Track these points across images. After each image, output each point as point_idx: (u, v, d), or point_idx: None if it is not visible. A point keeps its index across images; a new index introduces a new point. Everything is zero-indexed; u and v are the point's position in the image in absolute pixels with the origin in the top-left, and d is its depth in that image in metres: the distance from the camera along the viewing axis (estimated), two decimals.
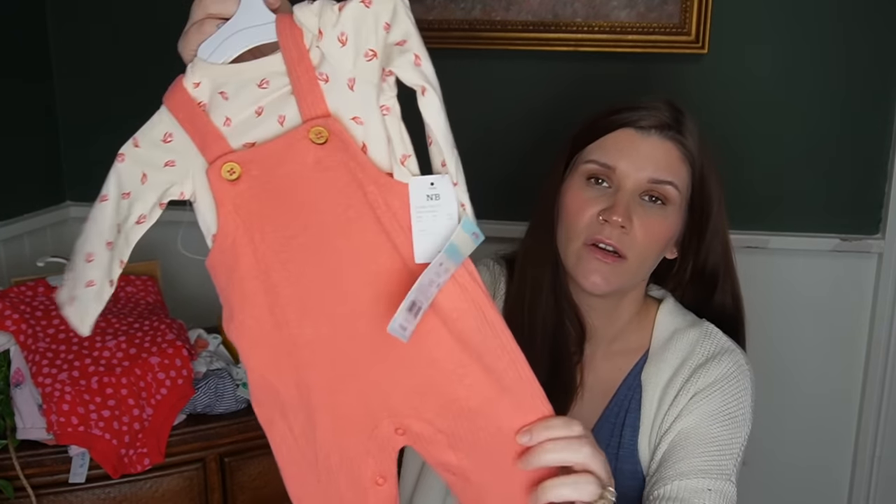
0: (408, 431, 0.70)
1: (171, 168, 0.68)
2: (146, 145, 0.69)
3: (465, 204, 0.69)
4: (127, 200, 0.69)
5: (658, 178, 0.96)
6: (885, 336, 1.73)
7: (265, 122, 0.66)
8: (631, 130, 0.97)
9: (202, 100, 0.67)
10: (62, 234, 1.97)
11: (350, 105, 0.66)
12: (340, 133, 0.66)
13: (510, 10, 1.71)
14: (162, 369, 1.32)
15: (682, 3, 1.64)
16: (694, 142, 0.98)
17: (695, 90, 1.70)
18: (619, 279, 0.98)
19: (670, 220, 0.98)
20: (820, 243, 1.73)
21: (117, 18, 1.88)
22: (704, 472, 0.96)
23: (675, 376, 1.01)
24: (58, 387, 1.25)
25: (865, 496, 1.80)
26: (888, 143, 1.69)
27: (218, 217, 0.68)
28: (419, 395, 0.68)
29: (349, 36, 0.65)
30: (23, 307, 1.35)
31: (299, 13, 0.64)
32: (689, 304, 1.10)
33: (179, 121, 0.68)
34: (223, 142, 0.67)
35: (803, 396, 1.80)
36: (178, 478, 1.35)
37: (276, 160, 0.66)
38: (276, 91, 0.66)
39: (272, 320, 0.68)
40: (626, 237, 0.95)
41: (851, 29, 1.64)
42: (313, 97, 0.65)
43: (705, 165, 1.00)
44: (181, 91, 0.67)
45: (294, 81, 0.65)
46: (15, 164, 1.82)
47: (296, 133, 0.66)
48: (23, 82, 1.84)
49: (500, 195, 1.80)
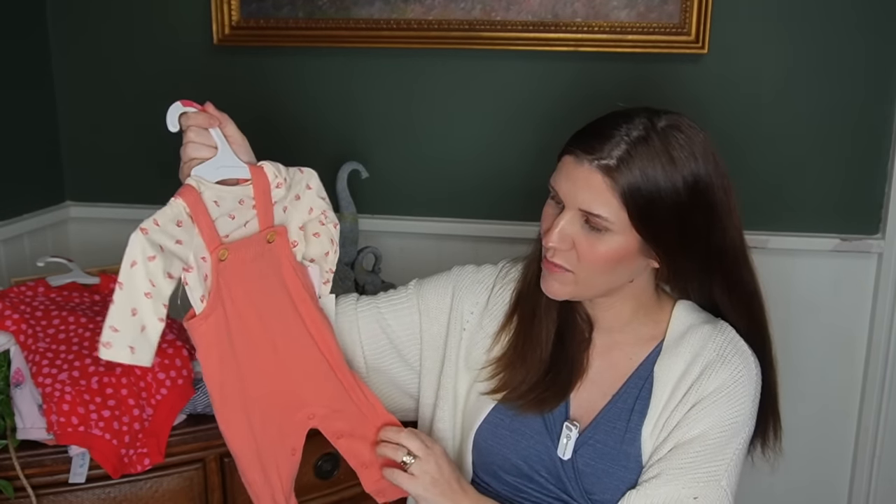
0: (315, 416, 1.08)
1: (179, 245, 0.94)
2: (164, 225, 0.92)
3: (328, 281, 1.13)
4: (153, 262, 0.91)
5: (586, 209, 0.97)
6: (885, 336, 1.73)
7: (236, 224, 1.00)
8: (570, 157, 0.99)
9: (207, 202, 0.96)
10: (62, 234, 1.97)
11: (286, 222, 1.07)
12: (283, 234, 1.05)
13: (510, 10, 1.71)
14: (162, 369, 1.32)
15: (682, 3, 1.64)
16: (635, 171, 0.95)
17: (695, 90, 1.70)
18: (573, 288, 1.03)
19: (614, 243, 0.98)
20: (820, 243, 1.73)
21: (117, 20, 1.88)
22: (694, 479, 1.00)
23: (687, 372, 1.04)
24: (58, 387, 1.25)
25: (865, 496, 1.80)
26: (888, 143, 1.69)
27: (211, 283, 0.98)
28: (319, 391, 1.08)
29: (288, 187, 1.05)
30: (23, 307, 1.35)
31: (269, 167, 1.02)
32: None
33: (191, 213, 0.95)
34: (217, 234, 0.97)
35: (803, 396, 1.80)
36: (178, 478, 1.35)
37: (246, 250, 1.01)
38: (247, 206, 1.01)
39: (230, 348, 1.01)
40: (566, 254, 1.00)
41: (851, 29, 1.64)
42: (267, 215, 1.03)
43: (654, 187, 0.96)
44: (194, 193, 0.95)
45: (258, 204, 1.02)
46: (15, 164, 1.82)
47: (258, 235, 1.02)
48: (23, 83, 1.84)
49: (500, 195, 1.81)
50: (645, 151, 0.95)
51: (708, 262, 1.04)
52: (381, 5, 1.75)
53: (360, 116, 1.84)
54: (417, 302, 1.17)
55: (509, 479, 1.10)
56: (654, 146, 0.96)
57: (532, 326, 1.11)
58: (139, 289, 0.91)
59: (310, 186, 1.08)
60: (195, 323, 0.97)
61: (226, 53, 1.84)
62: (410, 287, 1.20)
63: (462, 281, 1.18)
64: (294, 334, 1.06)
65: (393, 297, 1.19)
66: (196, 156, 0.97)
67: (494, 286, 1.17)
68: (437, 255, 1.84)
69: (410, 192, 1.86)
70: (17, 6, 1.81)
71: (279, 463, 1.07)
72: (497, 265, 1.20)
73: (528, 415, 1.09)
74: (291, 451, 1.08)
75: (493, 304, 1.16)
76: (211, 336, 0.99)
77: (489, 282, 1.17)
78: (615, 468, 1.05)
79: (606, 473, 1.05)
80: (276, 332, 1.04)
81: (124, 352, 0.91)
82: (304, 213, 1.08)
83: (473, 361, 1.14)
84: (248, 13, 1.80)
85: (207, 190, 0.96)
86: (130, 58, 1.89)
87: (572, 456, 1.06)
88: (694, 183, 0.97)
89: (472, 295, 1.17)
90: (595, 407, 1.08)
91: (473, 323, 1.15)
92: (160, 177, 1.93)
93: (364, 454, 1.12)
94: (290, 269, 1.06)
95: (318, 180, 1.08)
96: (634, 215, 0.96)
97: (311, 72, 1.83)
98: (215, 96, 1.83)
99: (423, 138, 1.82)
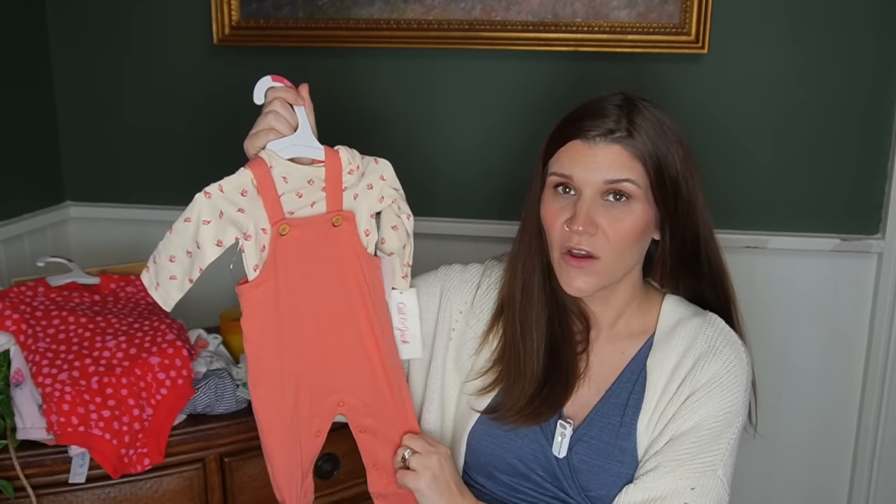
0: (345, 404, 1.10)
1: (241, 213, 0.97)
2: (229, 192, 0.96)
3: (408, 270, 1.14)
4: (206, 226, 0.95)
5: (612, 178, 1.00)
6: (885, 336, 1.73)
7: (303, 202, 1.02)
8: (579, 142, 1.02)
9: (275, 177, 0.99)
10: (62, 234, 1.97)
11: (355, 209, 1.07)
12: (350, 220, 1.05)
13: (510, 10, 1.71)
14: (162, 369, 1.32)
15: (682, 3, 1.64)
16: (644, 136, 1.00)
17: (695, 90, 1.70)
18: (599, 278, 1.03)
19: (637, 212, 1.01)
20: (820, 243, 1.73)
21: (117, 20, 1.88)
22: (691, 470, 1.01)
23: (680, 365, 1.06)
24: (58, 387, 1.25)
25: (865, 496, 1.80)
26: (888, 143, 1.69)
27: (267, 255, 1.00)
28: (355, 382, 1.09)
29: (361, 174, 1.07)
30: (23, 307, 1.35)
31: (343, 152, 1.04)
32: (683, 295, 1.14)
33: (258, 184, 0.97)
34: (281, 208, 1.00)
35: (803, 396, 1.80)
36: (178, 478, 1.35)
37: (309, 229, 1.02)
38: (316, 187, 1.02)
39: (275, 320, 1.03)
40: (594, 239, 1.01)
41: (851, 29, 1.64)
42: (336, 199, 1.04)
43: (661, 152, 1.01)
44: (264, 166, 0.98)
45: (328, 187, 1.03)
46: (15, 164, 1.82)
47: (324, 216, 1.03)
48: (23, 83, 1.84)
49: (500, 195, 1.80)
50: (642, 118, 1.01)
51: (697, 234, 1.07)
52: (381, 5, 1.75)
53: (360, 116, 1.84)
54: None
55: (505, 478, 1.10)
56: (645, 114, 1.02)
57: (523, 342, 1.10)
58: (183, 244, 0.95)
59: (383, 177, 1.09)
60: (245, 289, 1.00)
61: (226, 53, 1.84)
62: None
63: (450, 281, 1.18)
64: (341, 321, 1.07)
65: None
66: (276, 126, 0.99)
67: (480, 285, 1.17)
68: (437, 255, 1.83)
69: (410, 192, 1.84)
70: (17, 6, 1.81)
71: (303, 441, 1.09)
72: (483, 263, 1.21)
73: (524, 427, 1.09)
74: (316, 433, 1.09)
75: (480, 303, 1.16)
76: (257, 305, 1.01)
77: (475, 280, 1.18)
78: (610, 463, 1.05)
79: (602, 469, 1.05)
80: (323, 315, 1.05)
81: (152, 283, 0.98)
82: (375, 202, 1.08)
83: (462, 364, 1.14)
84: (248, 13, 1.80)
85: (278, 165, 0.98)
86: (130, 58, 1.89)
87: (567, 453, 1.06)
88: (681, 147, 1.03)
89: (460, 294, 1.17)
90: (588, 403, 1.09)
91: (462, 323, 1.16)
92: (160, 177, 1.94)
93: (379, 455, 1.12)
94: (353, 256, 1.06)
95: (392, 171, 1.10)
96: (654, 178, 1.01)
97: (311, 72, 1.83)
98: (215, 96, 1.85)
99: (423, 138, 1.82)
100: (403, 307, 1.13)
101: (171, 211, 1.97)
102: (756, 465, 1.85)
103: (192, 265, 0.97)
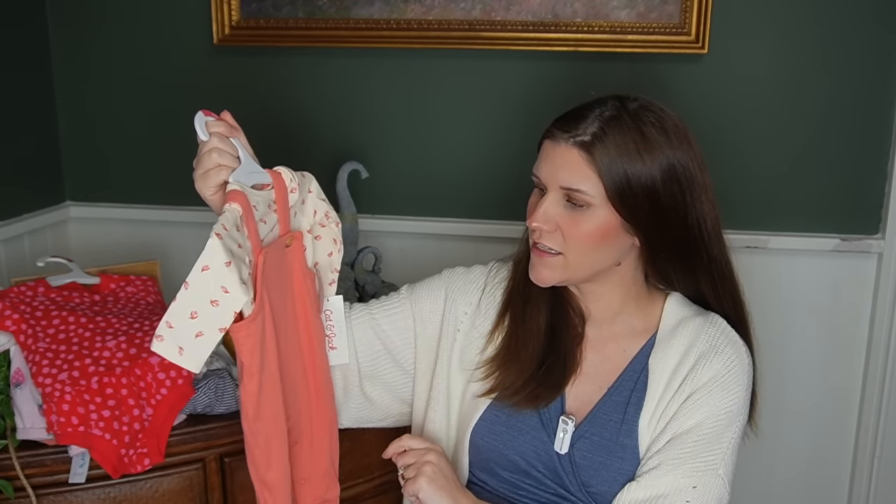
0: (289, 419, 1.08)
1: (240, 249, 0.94)
2: (230, 229, 0.92)
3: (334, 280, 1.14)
4: (228, 268, 0.89)
5: (567, 186, 1.01)
6: (885, 336, 1.73)
7: (267, 228, 1.01)
8: (548, 141, 1.04)
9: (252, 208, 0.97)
10: (62, 234, 1.97)
11: (298, 226, 1.09)
12: (298, 239, 1.07)
13: (510, 10, 1.71)
14: (162, 369, 1.32)
15: (682, 3, 1.64)
16: (607, 147, 0.99)
17: (695, 90, 1.71)
18: (562, 272, 1.05)
19: (597, 219, 1.02)
20: (820, 243, 1.73)
21: (117, 20, 1.88)
22: (693, 469, 1.02)
23: (682, 363, 1.06)
24: (58, 387, 1.25)
25: (865, 496, 1.80)
26: (888, 143, 1.69)
27: (255, 288, 0.97)
28: (298, 397, 1.09)
29: (299, 192, 1.05)
30: (23, 307, 1.35)
31: (285, 172, 1.02)
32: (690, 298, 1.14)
33: (244, 216, 0.95)
34: (259, 238, 0.98)
35: (803, 396, 1.81)
36: (178, 478, 1.35)
37: (274, 254, 1.01)
38: (272, 210, 1.02)
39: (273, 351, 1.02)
40: (552, 236, 1.03)
41: (851, 29, 1.64)
42: (285, 220, 1.04)
43: (627, 165, 0.99)
44: (243, 198, 0.95)
45: (279, 209, 1.02)
46: (15, 164, 1.82)
47: (280, 239, 1.03)
48: (23, 83, 1.84)
49: (500, 195, 1.80)
50: (617, 128, 1.00)
51: (687, 241, 1.06)
52: (381, 5, 1.75)
53: (360, 116, 1.84)
54: (411, 307, 1.19)
55: (507, 475, 1.10)
56: (626, 123, 1.00)
57: (523, 322, 1.12)
58: (206, 295, 0.89)
59: (310, 190, 1.09)
60: (243, 325, 0.96)
61: (226, 53, 1.84)
62: (402, 292, 1.21)
63: (454, 283, 1.19)
64: (296, 341, 1.08)
65: (386, 304, 1.20)
66: (223, 163, 0.97)
67: (486, 286, 1.18)
68: (437, 255, 1.84)
69: (410, 192, 1.86)
70: (17, 6, 1.81)
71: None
72: (487, 265, 1.22)
73: (524, 411, 1.10)
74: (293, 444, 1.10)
75: (485, 303, 1.17)
76: (256, 339, 0.97)
77: (480, 282, 1.19)
78: (612, 460, 1.06)
79: (603, 466, 1.06)
80: (290, 339, 1.06)
81: (173, 350, 0.91)
82: (309, 216, 1.09)
83: (468, 362, 1.15)
84: (248, 13, 1.80)
85: (249, 195, 0.97)
86: (130, 58, 1.89)
87: (569, 450, 1.07)
88: (665, 159, 1.01)
89: (464, 296, 1.18)
90: (591, 400, 1.09)
91: (467, 323, 1.16)
92: (160, 177, 1.94)
93: (305, 466, 1.11)
94: (299, 274, 1.07)
95: (317, 184, 1.09)
96: (611, 189, 1.00)
97: (311, 72, 1.83)
98: (215, 96, 1.85)
99: (423, 138, 1.82)
100: (330, 314, 1.14)
101: (171, 211, 1.99)
102: (756, 464, 1.85)
103: (220, 314, 0.91)
